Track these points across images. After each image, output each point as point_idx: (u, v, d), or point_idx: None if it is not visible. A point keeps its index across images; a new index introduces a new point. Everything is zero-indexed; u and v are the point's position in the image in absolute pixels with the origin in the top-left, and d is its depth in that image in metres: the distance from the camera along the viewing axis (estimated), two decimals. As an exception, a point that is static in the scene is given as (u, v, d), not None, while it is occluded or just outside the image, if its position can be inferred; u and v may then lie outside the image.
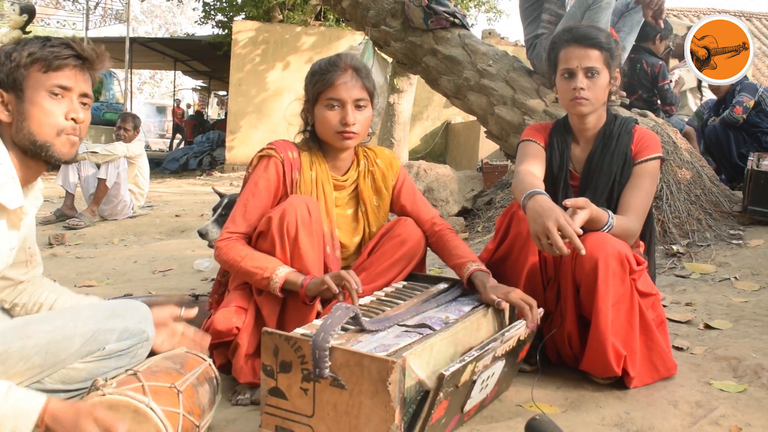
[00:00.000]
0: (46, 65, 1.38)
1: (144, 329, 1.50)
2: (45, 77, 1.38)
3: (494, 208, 4.05)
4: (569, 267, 1.75)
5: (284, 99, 10.76)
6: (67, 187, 5.49)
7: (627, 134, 1.92)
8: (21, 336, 1.35)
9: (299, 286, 1.67)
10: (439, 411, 1.33)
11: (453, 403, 1.39)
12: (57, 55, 1.39)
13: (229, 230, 1.80)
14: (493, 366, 1.49)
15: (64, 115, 1.40)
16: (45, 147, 1.38)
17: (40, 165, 1.44)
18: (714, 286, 2.70)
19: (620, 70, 1.95)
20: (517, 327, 1.58)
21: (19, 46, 1.39)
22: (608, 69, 1.89)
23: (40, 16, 13.75)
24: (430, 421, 1.32)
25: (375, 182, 1.99)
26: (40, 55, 1.38)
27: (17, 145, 1.39)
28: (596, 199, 1.82)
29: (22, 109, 1.37)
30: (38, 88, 1.38)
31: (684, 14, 13.55)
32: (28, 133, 1.37)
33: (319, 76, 1.85)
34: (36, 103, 1.37)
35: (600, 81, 1.87)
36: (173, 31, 28.96)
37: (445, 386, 1.28)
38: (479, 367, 1.41)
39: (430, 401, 1.29)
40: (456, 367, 1.30)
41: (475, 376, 1.41)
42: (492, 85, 3.80)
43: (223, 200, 2.80)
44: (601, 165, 1.90)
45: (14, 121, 1.38)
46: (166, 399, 1.31)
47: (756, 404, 1.65)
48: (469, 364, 1.35)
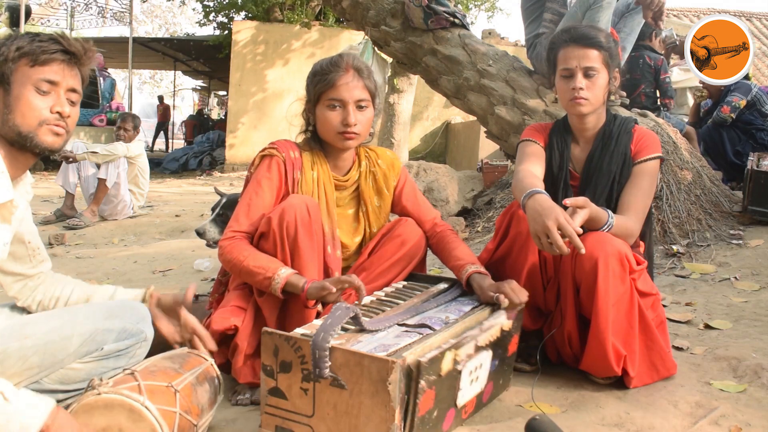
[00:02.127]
0: (33, 59, 1.39)
1: (142, 329, 1.50)
2: (32, 71, 1.39)
3: (494, 208, 4.05)
4: (569, 266, 1.74)
5: (284, 99, 10.77)
6: (67, 187, 5.48)
7: (626, 134, 1.92)
8: (19, 336, 1.35)
9: (300, 289, 1.66)
10: (426, 402, 1.33)
11: (441, 394, 1.38)
12: (44, 50, 1.40)
13: (233, 229, 1.80)
14: (478, 356, 1.49)
15: (49, 108, 1.41)
16: (29, 137, 1.39)
17: (28, 157, 1.44)
18: (714, 286, 2.70)
19: (619, 70, 1.95)
20: (496, 316, 1.60)
21: (8, 41, 1.40)
22: (607, 69, 1.89)
23: (39, 17, 13.77)
24: (418, 411, 1.31)
25: (376, 183, 1.99)
26: (28, 49, 1.39)
27: (5, 138, 1.40)
28: (596, 199, 1.82)
29: (8, 101, 1.38)
30: (25, 82, 1.39)
31: (684, 14, 13.55)
32: (13, 125, 1.38)
33: (321, 76, 1.85)
34: (21, 97, 1.38)
35: (599, 81, 1.87)
36: (173, 31, 28.94)
37: (424, 373, 1.29)
38: (461, 356, 1.41)
39: (413, 390, 1.30)
40: (433, 354, 1.31)
41: (460, 366, 1.41)
42: (492, 85, 3.80)
43: (221, 200, 2.79)
44: (601, 165, 1.90)
45: (1, 114, 1.39)
46: (163, 398, 1.31)
47: (756, 404, 1.65)
48: (447, 352, 1.36)
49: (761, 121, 4.74)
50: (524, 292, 1.67)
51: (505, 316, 1.62)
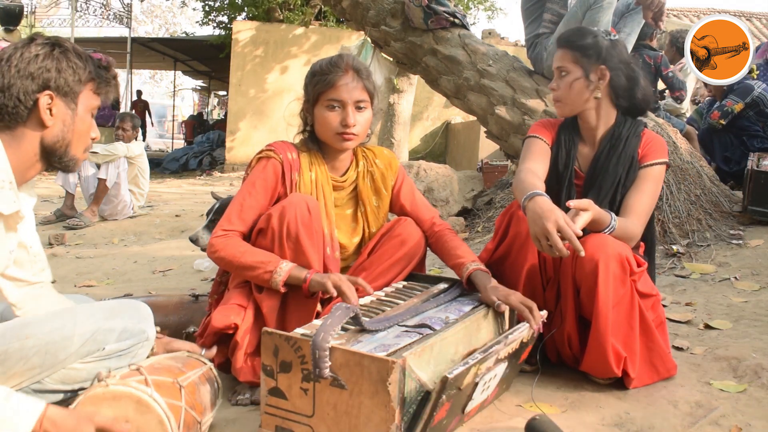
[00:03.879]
0: (96, 87, 1.44)
1: (144, 329, 1.50)
2: (93, 98, 1.44)
3: (494, 208, 4.05)
4: (569, 269, 1.74)
5: (284, 99, 10.76)
6: (67, 187, 5.48)
7: (635, 137, 1.91)
8: (20, 336, 1.35)
9: (302, 280, 1.67)
10: (441, 413, 1.33)
11: (455, 405, 1.39)
12: (107, 79, 1.45)
13: (224, 228, 1.79)
14: (495, 368, 1.48)
15: (90, 136, 1.47)
16: (73, 161, 1.44)
17: (43, 167, 1.45)
18: (714, 286, 2.70)
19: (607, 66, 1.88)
20: (520, 330, 1.58)
21: (82, 59, 1.41)
22: (580, 67, 1.88)
23: (38, 17, 13.76)
24: (432, 422, 1.32)
25: (374, 182, 1.99)
26: (96, 74, 1.43)
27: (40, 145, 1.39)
28: (600, 201, 1.82)
29: (70, 120, 1.40)
30: (87, 106, 1.43)
31: (684, 14, 13.55)
32: (66, 144, 1.41)
33: (320, 76, 1.85)
34: (85, 121, 1.43)
35: (568, 79, 1.89)
36: (173, 31, 28.93)
37: (448, 389, 1.28)
38: (482, 370, 1.41)
39: (432, 403, 1.29)
40: (459, 370, 1.30)
41: (478, 378, 1.41)
42: (492, 85, 3.80)
43: (214, 205, 2.78)
44: (607, 166, 1.89)
45: (53, 127, 1.39)
46: (169, 392, 1.32)
47: (756, 404, 1.65)
48: (472, 367, 1.35)
49: (757, 127, 4.55)
50: (540, 317, 1.64)
51: (527, 329, 1.60)
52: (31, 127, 1.38)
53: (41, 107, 1.36)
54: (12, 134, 1.37)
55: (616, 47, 1.91)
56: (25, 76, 1.34)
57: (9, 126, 1.36)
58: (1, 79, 1.33)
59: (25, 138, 1.38)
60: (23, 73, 1.34)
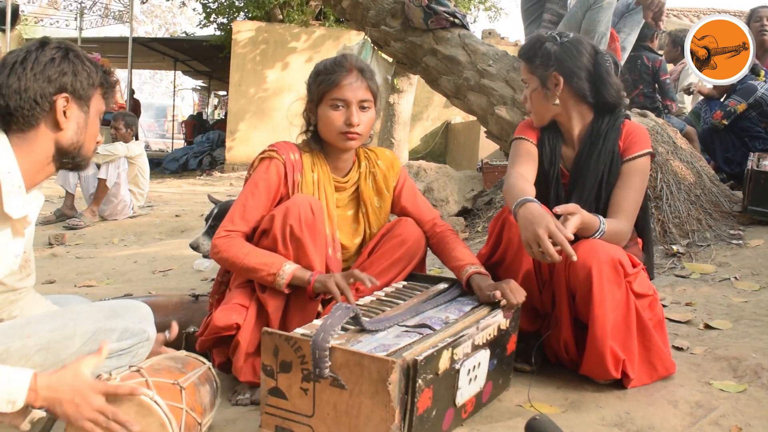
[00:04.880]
0: (104, 92, 1.47)
1: (144, 329, 1.50)
2: (102, 102, 1.47)
3: (494, 208, 4.05)
4: (562, 275, 1.74)
5: (284, 99, 10.76)
6: (67, 187, 5.49)
7: (615, 131, 1.89)
8: (21, 335, 1.35)
9: (306, 282, 1.68)
10: (424, 401, 1.33)
11: (439, 393, 1.39)
12: (112, 84, 1.49)
13: (227, 229, 1.80)
14: (476, 354, 1.49)
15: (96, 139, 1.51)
16: (86, 160, 1.48)
17: (53, 169, 1.47)
18: (714, 286, 2.70)
19: (561, 71, 1.87)
20: (493, 315, 1.60)
21: (93, 65, 1.44)
22: (536, 77, 1.91)
23: (37, 17, 13.75)
24: (416, 411, 1.31)
25: (376, 183, 1.99)
26: (103, 80, 1.46)
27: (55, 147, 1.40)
28: (584, 199, 1.82)
29: (84, 123, 1.43)
30: (97, 110, 1.46)
31: (684, 14, 13.55)
32: (80, 147, 1.43)
33: (325, 76, 1.85)
34: (95, 124, 1.47)
35: (528, 91, 1.96)
36: (173, 31, 28.90)
37: (421, 372, 1.29)
38: (459, 355, 1.41)
39: (411, 389, 1.30)
40: (429, 352, 1.32)
41: (457, 365, 1.41)
42: (492, 85, 3.80)
43: (213, 210, 2.77)
44: (588, 164, 1.88)
45: (67, 130, 1.40)
46: (169, 394, 1.32)
47: (756, 404, 1.65)
48: (443, 350, 1.36)
49: (760, 128, 4.49)
50: (522, 292, 1.68)
51: (502, 315, 1.63)
52: (44, 130, 1.38)
53: (58, 110, 1.36)
54: (23, 138, 1.37)
55: (568, 51, 1.87)
56: (43, 79, 1.35)
57: (22, 129, 1.36)
58: (17, 82, 1.33)
59: (37, 141, 1.38)
60: (40, 77, 1.35)
